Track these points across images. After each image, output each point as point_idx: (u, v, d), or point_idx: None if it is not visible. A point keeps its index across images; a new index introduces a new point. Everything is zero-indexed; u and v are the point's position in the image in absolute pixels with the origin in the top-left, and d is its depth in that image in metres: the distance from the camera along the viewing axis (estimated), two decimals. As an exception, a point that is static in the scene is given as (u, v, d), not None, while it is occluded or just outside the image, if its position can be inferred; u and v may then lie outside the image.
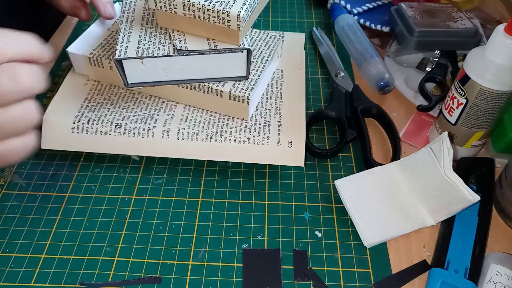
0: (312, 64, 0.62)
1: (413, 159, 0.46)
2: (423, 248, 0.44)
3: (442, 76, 0.56)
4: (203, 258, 0.42)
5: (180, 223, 0.45)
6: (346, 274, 0.41)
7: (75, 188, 0.47)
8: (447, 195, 0.42)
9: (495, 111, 0.44)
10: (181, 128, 0.47)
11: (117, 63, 0.45)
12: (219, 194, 0.47)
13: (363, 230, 0.43)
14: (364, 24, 0.65)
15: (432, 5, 0.60)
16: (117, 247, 0.43)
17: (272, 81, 0.53)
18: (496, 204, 0.47)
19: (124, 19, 0.48)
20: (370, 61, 0.58)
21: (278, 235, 0.44)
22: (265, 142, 0.47)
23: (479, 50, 0.44)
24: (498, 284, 0.39)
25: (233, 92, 0.46)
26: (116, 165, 0.49)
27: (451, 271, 0.40)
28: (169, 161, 0.50)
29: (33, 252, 0.42)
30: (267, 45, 0.52)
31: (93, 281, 0.40)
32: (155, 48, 0.45)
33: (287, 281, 0.41)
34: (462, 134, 0.47)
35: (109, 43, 0.52)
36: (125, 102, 0.50)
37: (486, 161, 0.49)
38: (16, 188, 0.47)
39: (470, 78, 0.43)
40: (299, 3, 0.74)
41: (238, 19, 0.42)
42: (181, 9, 0.43)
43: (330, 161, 0.51)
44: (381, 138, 0.53)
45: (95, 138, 0.47)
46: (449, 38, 0.56)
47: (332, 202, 0.47)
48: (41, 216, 0.45)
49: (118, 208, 0.46)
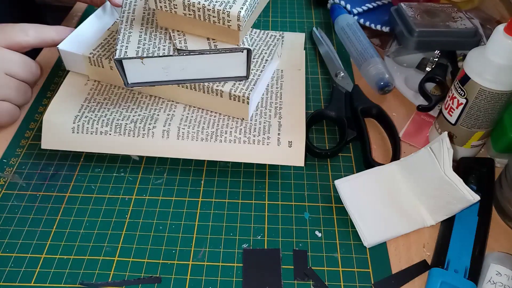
0: (312, 64, 0.62)
1: (413, 159, 0.46)
2: (423, 248, 0.44)
3: (442, 76, 0.56)
4: (203, 258, 0.42)
5: (180, 223, 0.45)
6: (346, 274, 0.41)
7: (75, 188, 0.47)
8: (447, 195, 0.42)
9: (495, 111, 0.44)
10: (181, 128, 0.47)
11: (117, 63, 0.45)
12: (219, 194, 0.47)
13: (363, 230, 0.43)
14: (364, 24, 0.65)
15: (432, 5, 0.60)
16: (117, 247, 0.43)
17: (272, 81, 0.53)
18: (496, 204, 0.47)
19: (124, 19, 0.48)
20: (370, 61, 0.58)
21: (278, 235, 0.44)
22: (265, 142, 0.47)
23: (479, 50, 0.44)
24: (498, 284, 0.39)
25: (233, 92, 0.46)
26: (116, 165, 0.49)
27: (451, 271, 0.40)
28: (169, 161, 0.50)
29: (33, 252, 0.42)
30: (267, 45, 0.52)
31: (93, 281, 0.40)
32: (155, 48, 0.45)
33: (287, 281, 0.41)
34: (462, 134, 0.47)
35: (109, 43, 0.52)
36: (125, 102, 0.50)
37: (486, 161, 0.49)
38: (16, 188, 0.47)
39: (470, 78, 0.43)
40: (299, 3, 0.74)
41: (238, 19, 0.42)
42: (181, 9, 0.43)
43: (330, 161, 0.51)
44: (381, 138, 0.54)
45: (95, 138, 0.47)
46: (449, 38, 0.56)
47: (332, 202, 0.47)
48: (41, 216, 0.45)
49: (118, 208, 0.46)
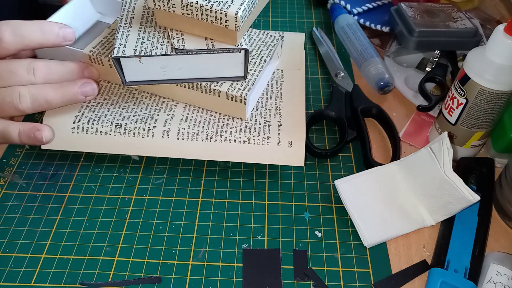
0: (312, 64, 0.62)
1: (413, 159, 0.46)
2: (423, 248, 0.44)
3: (442, 76, 0.56)
4: (203, 258, 0.42)
5: (180, 223, 0.45)
6: (346, 274, 0.41)
7: (75, 188, 0.47)
8: (447, 195, 0.42)
9: (495, 111, 0.44)
10: (181, 128, 0.47)
11: (115, 61, 0.45)
12: (219, 194, 0.47)
13: (363, 230, 0.43)
14: (364, 24, 0.65)
15: (432, 5, 0.60)
16: (117, 247, 0.43)
17: (272, 81, 0.53)
18: (496, 204, 0.47)
19: (123, 17, 0.48)
20: (370, 61, 0.58)
21: (278, 235, 0.44)
22: (265, 142, 0.47)
23: (479, 50, 0.44)
24: (498, 284, 0.39)
25: (230, 92, 0.46)
26: (116, 165, 0.49)
27: (451, 271, 0.40)
28: (169, 161, 0.50)
29: (33, 252, 0.42)
30: (266, 46, 0.52)
31: (93, 281, 0.40)
32: (153, 47, 0.45)
33: (287, 281, 0.41)
34: (462, 134, 0.47)
35: (109, 41, 0.52)
36: (125, 102, 0.50)
37: (486, 161, 0.49)
38: (16, 188, 0.47)
39: (470, 78, 0.43)
40: (299, 3, 0.74)
41: (235, 19, 0.42)
42: (179, 8, 0.43)
43: (330, 161, 0.51)
44: (381, 138, 0.53)
45: (95, 138, 0.47)
46: (449, 38, 0.56)
47: (332, 202, 0.47)
48: (41, 216, 0.45)
49: (118, 208, 0.46)
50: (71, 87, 0.46)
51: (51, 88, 0.44)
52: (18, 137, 0.45)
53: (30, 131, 0.45)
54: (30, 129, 0.45)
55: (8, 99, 0.43)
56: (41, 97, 0.44)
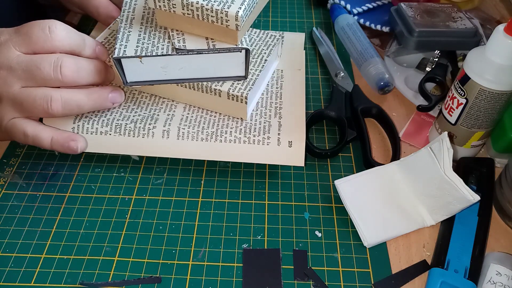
0: (312, 64, 0.62)
1: (413, 159, 0.46)
2: (423, 248, 0.44)
3: (442, 76, 0.56)
4: (203, 258, 0.42)
5: (180, 223, 0.45)
6: (346, 274, 0.41)
7: (75, 188, 0.47)
8: (447, 195, 0.42)
9: (495, 111, 0.44)
10: (181, 128, 0.47)
11: (116, 62, 0.45)
12: (219, 194, 0.47)
13: (363, 230, 0.43)
14: (364, 24, 0.65)
15: (432, 5, 0.60)
16: (117, 247, 0.43)
17: (272, 81, 0.53)
18: (496, 204, 0.47)
19: (124, 18, 0.48)
20: (370, 61, 0.58)
21: (278, 235, 0.44)
22: (265, 142, 0.47)
23: (479, 50, 0.44)
24: (498, 284, 0.39)
25: (231, 91, 0.46)
26: (116, 165, 0.49)
27: (451, 271, 0.40)
28: (169, 161, 0.50)
29: (33, 252, 0.42)
30: (266, 45, 0.52)
31: (93, 281, 0.40)
32: (154, 47, 0.45)
33: (287, 281, 0.41)
34: (462, 134, 0.47)
35: (109, 41, 0.52)
36: (125, 102, 0.50)
37: (486, 161, 0.49)
38: (16, 188, 0.47)
39: (470, 78, 0.43)
40: (299, 3, 0.74)
41: (236, 19, 0.42)
42: (180, 8, 0.43)
43: (330, 161, 0.51)
44: (381, 138, 0.54)
45: (95, 138, 0.47)
46: (449, 38, 0.56)
47: (332, 202, 0.47)
48: (41, 216, 0.45)
49: (118, 208, 0.46)
50: (103, 94, 0.46)
51: (83, 94, 0.45)
52: (49, 144, 0.45)
53: (65, 141, 0.45)
54: (65, 139, 0.45)
55: (39, 101, 0.43)
56: (73, 102, 0.44)
